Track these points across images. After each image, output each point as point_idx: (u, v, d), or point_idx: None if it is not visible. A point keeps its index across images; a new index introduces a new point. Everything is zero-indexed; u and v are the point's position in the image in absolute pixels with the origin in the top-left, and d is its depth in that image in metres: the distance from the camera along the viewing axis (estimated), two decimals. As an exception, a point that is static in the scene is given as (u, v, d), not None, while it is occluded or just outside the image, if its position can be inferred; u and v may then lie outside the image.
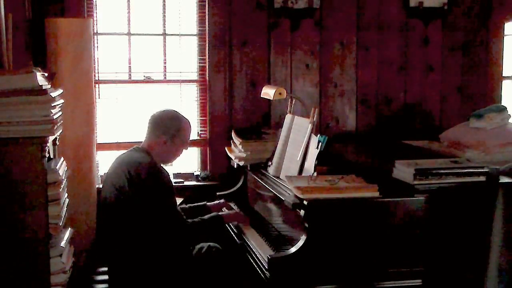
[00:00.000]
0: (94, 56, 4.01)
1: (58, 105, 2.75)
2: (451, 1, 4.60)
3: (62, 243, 2.71)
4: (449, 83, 4.69)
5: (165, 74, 4.41)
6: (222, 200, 3.69)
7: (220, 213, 3.35)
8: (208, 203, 3.59)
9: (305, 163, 3.14)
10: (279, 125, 3.83)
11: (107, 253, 3.17)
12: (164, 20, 4.35)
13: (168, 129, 3.16)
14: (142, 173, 2.98)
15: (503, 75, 4.66)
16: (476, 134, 3.54)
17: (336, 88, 4.54)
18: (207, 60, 4.36)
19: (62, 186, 2.72)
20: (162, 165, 3.18)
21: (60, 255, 2.67)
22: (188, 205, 3.54)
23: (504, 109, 3.65)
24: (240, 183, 3.95)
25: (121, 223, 3.01)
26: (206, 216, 3.24)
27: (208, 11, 4.30)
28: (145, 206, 2.96)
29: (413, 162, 3.03)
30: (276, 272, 2.69)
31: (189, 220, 3.11)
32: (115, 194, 3.03)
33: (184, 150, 3.29)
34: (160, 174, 3.04)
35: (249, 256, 3.08)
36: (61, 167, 2.82)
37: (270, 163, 3.55)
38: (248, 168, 3.77)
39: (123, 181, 2.99)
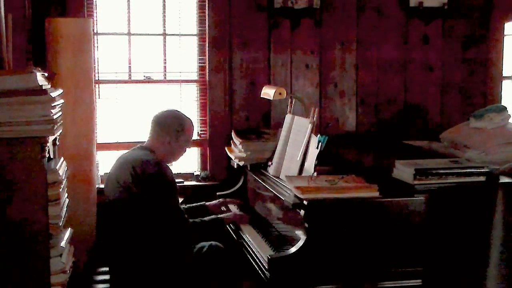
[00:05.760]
0: (94, 56, 4.01)
1: (58, 105, 2.75)
2: (451, 1, 4.59)
3: (62, 243, 2.70)
4: (449, 83, 4.69)
5: (165, 74, 4.41)
6: (221, 200, 3.69)
7: (220, 216, 3.36)
8: (207, 203, 3.59)
9: (305, 163, 3.14)
10: (279, 125, 3.83)
11: (109, 252, 3.18)
12: (164, 20, 4.35)
13: (172, 128, 3.17)
14: (148, 170, 2.99)
15: (503, 75, 4.66)
16: (476, 134, 3.53)
17: (336, 88, 4.53)
18: (207, 60, 4.35)
19: (62, 186, 2.71)
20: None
21: (60, 255, 2.66)
22: (187, 205, 3.54)
23: (504, 109, 3.64)
24: (240, 183, 3.95)
25: (125, 220, 3.02)
26: (206, 218, 3.26)
27: (208, 11, 4.30)
28: (150, 203, 2.97)
29: (413, 162, 3.03)
30: (276, 272, 2.69)
31: (190, 220, 3.12)
32: (119, 192, 3.03)
33: (186, 149, 3.30)
34: (165, 171, 3.05)
35: (249, 256, 3.08)
36: (61, 167, 2.82)
37: (270, 163, 3.55)
38: (248, 168, 3.77)
39: (128, 178, 3.00)
